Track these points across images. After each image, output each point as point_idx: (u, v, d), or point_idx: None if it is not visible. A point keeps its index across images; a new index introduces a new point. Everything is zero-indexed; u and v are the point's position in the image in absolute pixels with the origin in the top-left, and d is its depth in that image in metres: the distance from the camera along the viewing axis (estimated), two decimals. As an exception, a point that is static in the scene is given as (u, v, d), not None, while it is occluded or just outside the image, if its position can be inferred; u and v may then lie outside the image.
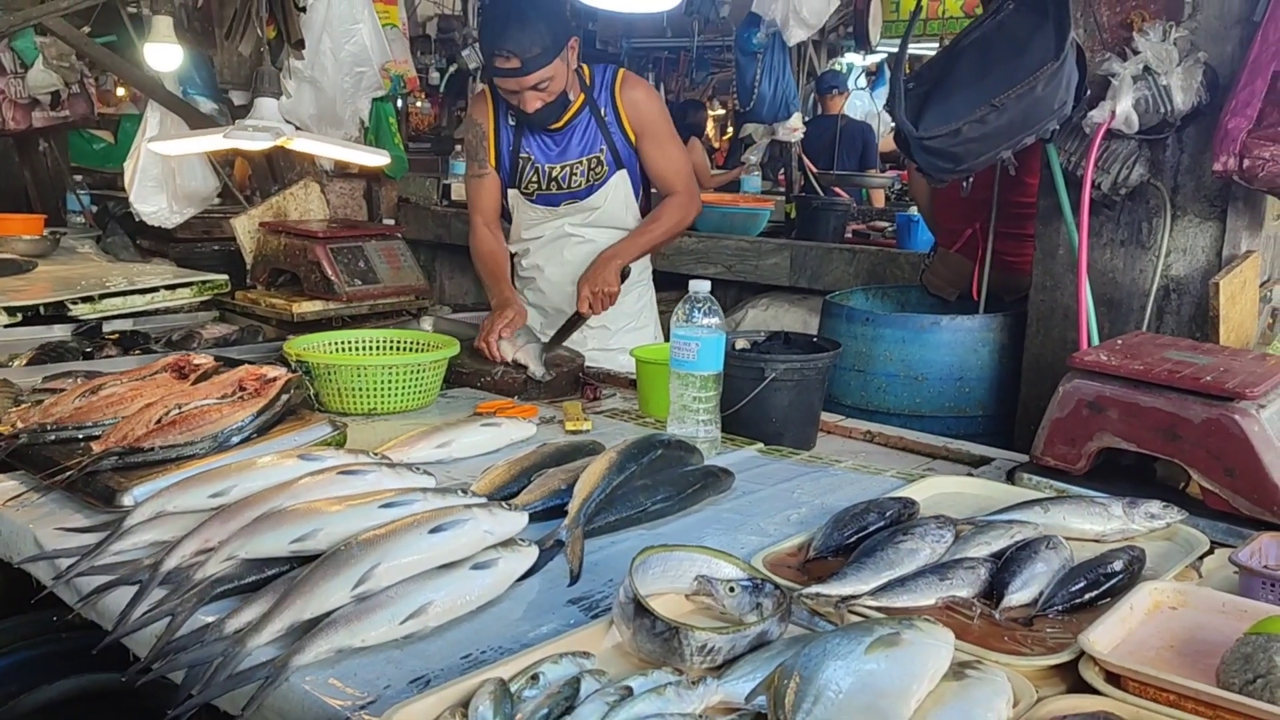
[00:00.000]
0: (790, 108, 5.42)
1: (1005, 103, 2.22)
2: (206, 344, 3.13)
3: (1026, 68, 2.22)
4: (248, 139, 2.23)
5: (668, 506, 1.74)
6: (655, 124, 3.07)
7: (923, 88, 2.33)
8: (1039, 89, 2.22)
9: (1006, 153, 2.31)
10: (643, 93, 3.08)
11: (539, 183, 3.07)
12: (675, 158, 3.11)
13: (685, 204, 3.11)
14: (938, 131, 2.25)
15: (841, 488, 1.94)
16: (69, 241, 4.56)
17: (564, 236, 3.13)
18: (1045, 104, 2.27)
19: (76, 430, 1.95)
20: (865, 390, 3.13)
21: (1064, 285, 2.85)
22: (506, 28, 2.74)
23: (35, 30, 4.47)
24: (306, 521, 1.47)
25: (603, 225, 3.11)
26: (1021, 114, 2.26)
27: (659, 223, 3.09)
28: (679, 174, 3.11)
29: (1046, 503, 1.72)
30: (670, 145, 3.10)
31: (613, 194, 3.08)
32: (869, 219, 5.71)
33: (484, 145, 3.09)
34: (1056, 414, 1.89)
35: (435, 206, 6.68)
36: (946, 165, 2.34)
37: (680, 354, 2.06)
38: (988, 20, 2.33)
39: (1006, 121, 2.25)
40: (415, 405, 2.39)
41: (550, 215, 3.12)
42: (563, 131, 3.01)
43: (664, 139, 3.08)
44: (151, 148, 2.53)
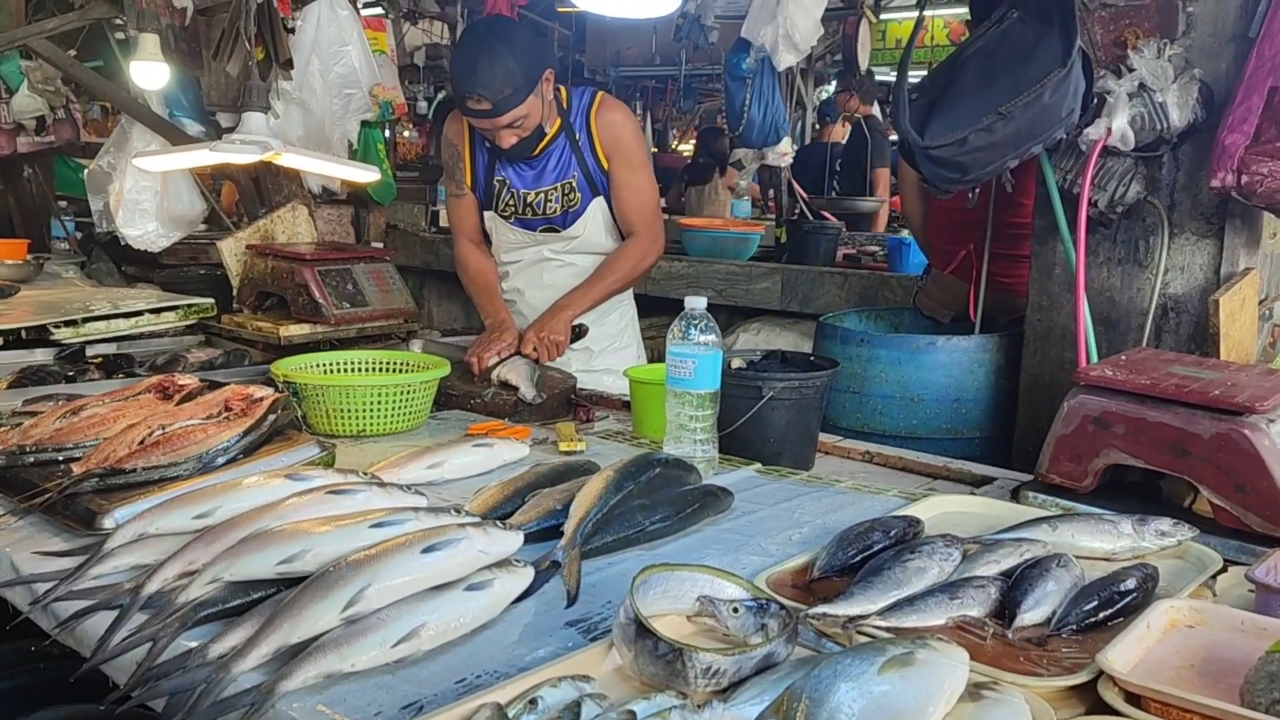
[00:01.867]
0: (780, 132, 5.39)
1: (1012, 111, 2.20)
2: (192, 368, 3.08)
3: (1033, 76, 2.21)
4: (235, 152, 2.19)
5: (666, 526, 1.70)
6: (627, 148, 2.98)
7: (926, 98, 2.31)
8: (1046, 96, 2.20)
9: (1014, 162, 2.29)
10: (619, 115, 3.00)
11: (515, 207, 3.03)
12: (641, 190, 3.01)
13: (644, 248, 3.01)
14: (943, 141, 2.23)
15: (843, 507, 1.89)
16: (53, 267, 4.51)
17: (543, 260, 3.10)
18: (1053, 112, 2.25)
19: (56, 452, 1.90)
20: (861, 412, 3.09)
21: (1061, 304, 2.83)
22: (475, 69, 2.66)
23: (20, 54, 4.43)
24: (294, 542, 1.42)
25: (583, 251, 3.07)
26: (1029, 122, 2.24)
27: (613, 272, 2.99)
28: (642, 210, 3.01)
29: (1054, 521, 1.68)
30: (639, 174, 3.00)
31: (591, 223, 3.03)
32: (859, 243, 5.69)
33: (460, 166, 3.06)
34: (1062, 430, 1.86)
35: (423, 233, 6.65)
36: (953, 175, 2.31)
37: (677, 371, 2.02)
38: (991, 30, 2.31)
39: (1014, 130, 2.23)
40: (405, 427, 2.34)
41: (529, 240, 3.08)
42: (538, 159, 2.97)
43: (634, 165, 2.99)
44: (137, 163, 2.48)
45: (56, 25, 3.28)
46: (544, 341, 2.83)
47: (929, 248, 3.67)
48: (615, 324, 3.22)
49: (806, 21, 5.10)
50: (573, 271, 3.05)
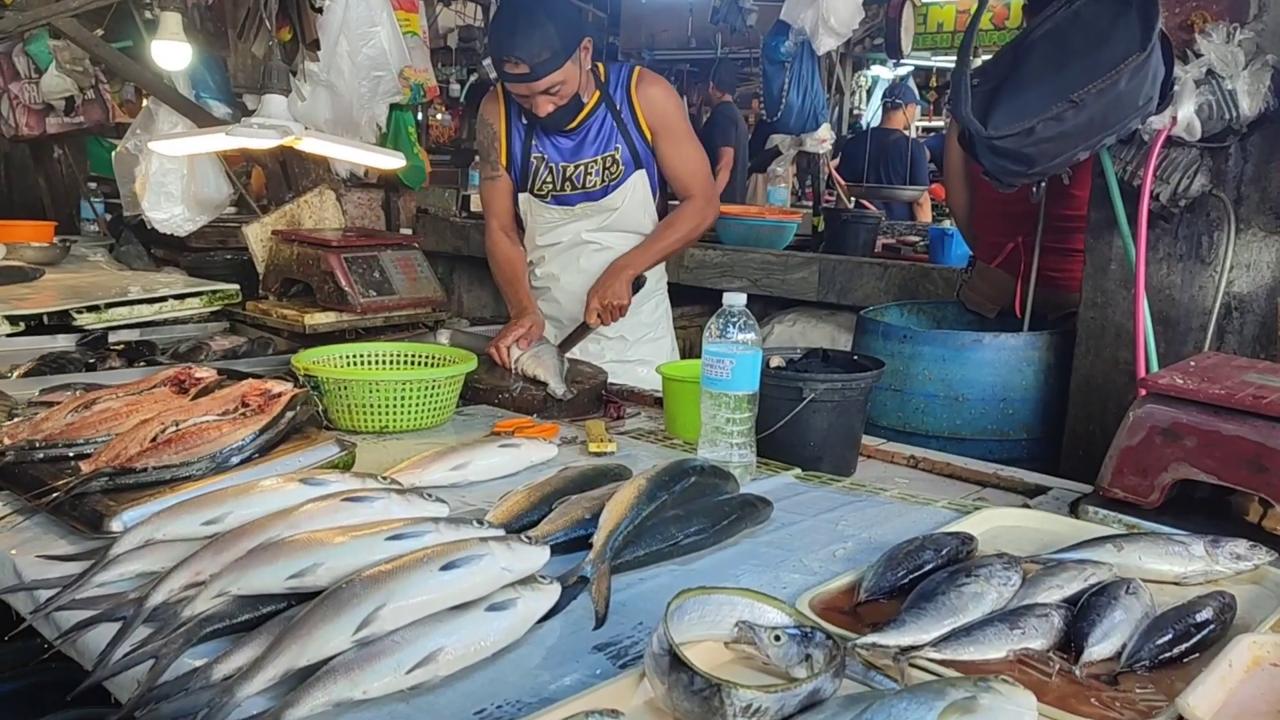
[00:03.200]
0: (819, 118, 5.28)
1: (1085, 99, 2.05)
2: (215, 356, 3.02)
3: (1108, 61, 2.06)
4: (252, 136, 2.10)
5: (702, 539, 1.59)
6: (672, 122, 2.96)
7: (989, 84, 2.17)
8: (1123, 83, 2.05)
9: (1084, 154, 2.15)
10: (660, 90, 2.96)
11: (553, 183, 2.95)
12: (692, 158, 3.00)
13: (702, 209, 2.99)
14: (1008, 131, 2.09)
15: (889, 519, 1.78)
16: (80, 250, 4.46)
17: (580, 244, 3.02)
18: (1129, 100, 2.10)
19: (67, 448, 1.82)
20: (903, 411, 2.98)
21: (1116, 302, 2.70)
22: (514, 33, 2.63)
23: (49, 33, 4.38)
24: (305, 555, 1.33)
25: (620, 229, 2.99)
26: (1103, 111, 2.09)
27: (673, 229, 2.98)
28: (695, 176, 3.01)
29: (1119, 540, 1.56)
30: (687, 145, 3.00)
31: (631, 195, 2.96)
32: (899, 233, 5.55)
33: (495, 146, 2.98)
34: (1126, 442, 1.74)
35: (454, 218, 6.57)
36: (1017, 168, 2.17)
37: (713, 372, 1.91)
38: (1060, 10, 2.16)
39: (1086, 119, 2.08)
40: (429, 423, 2.25)
41: (566, 218, 3.00)
42: (577, 130, 2.90)
43: (681, 138, 2.98)
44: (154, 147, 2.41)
45: (81, 3, 3.21)
46: (607, 308, 2.85)
47: (974, 239, 3.53)
48: (650, 313, 3.14)
49: (848, 4, 4.97)
50: (610, 255, 2.97)
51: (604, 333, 3.02)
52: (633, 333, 3.07)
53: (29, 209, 5.75)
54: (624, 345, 3.06)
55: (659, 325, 3.16)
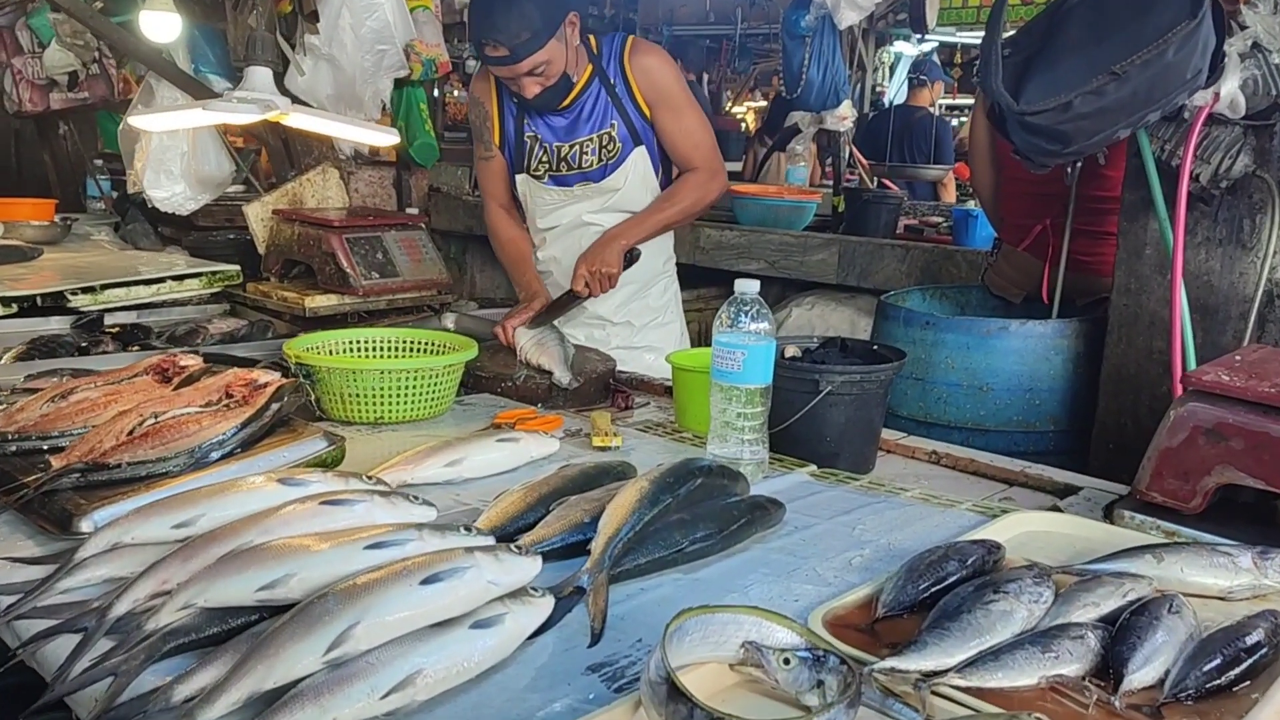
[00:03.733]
0: (840, 95, 5.13)
1: (1128, 70, 1.90)
2: (212, 339, 2.93)
3: (1154, 29, 1.90)
4: (231, 111, 1.99)
5: (708, 546, 1.49)
6: (670, 92, 2.80)
7: (1022, 55, 2.02)
8: (1170, 54, 1.90)
9: (1125, 132, 2.00)
10: (655, 59, 2.81)
11: (549, 163, 2.84)
12: (693, 129, 2.84)
13: (704, 182, 2.84)
14: (1043, 106, 1.94)
15: (909, 523, 1.67)
16: (84, 228, 4.38)
17: (581, 226, 2.89)
18: (1177, 72, 1.95)
19: (41, 440, 1.73)
20: (924, 401, 2.86)
21: (1151, 288, 2.57)
22: (492, 13, 2.51)
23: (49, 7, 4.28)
24: (278, 564, 1.23)
25: (623, 210, 2.87)
26: (1147, 84, 1.94)
27: (672, 201, 2.84)
28: (698, 147, 2.85)
29: (1159, 550, 1.45)
30: (688, 115, 2.84)
31: (631, 174, 2.84)
32: (922, 214, 5.39)
33: (488, 126, 2.88)
34: (1167, 442, 1.61)
35: (467, 196, 6.44)
36: (1052, 146, 2.03)
37: (724, 364, 1.80)
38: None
39: (1129, 93, 1.93)
40: (427, 414, 2.15)
41: (565, 199, 2.88)
42: (570, 109, 2.78)
43: (680, 108, 2.82)
44: (133, 122, 2.32)
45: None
46: (595, 275, 2.71)
47: (1000, 221, 3.40)
48: (658, 297, 3.02)
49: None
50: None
51: (609, 318, 2.92)
52: (639, 317, 2.96)
53: (38, 186, 5.68)
54: (631, 331, 2.95)
55: (668, 309, 3.05)
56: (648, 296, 2.95)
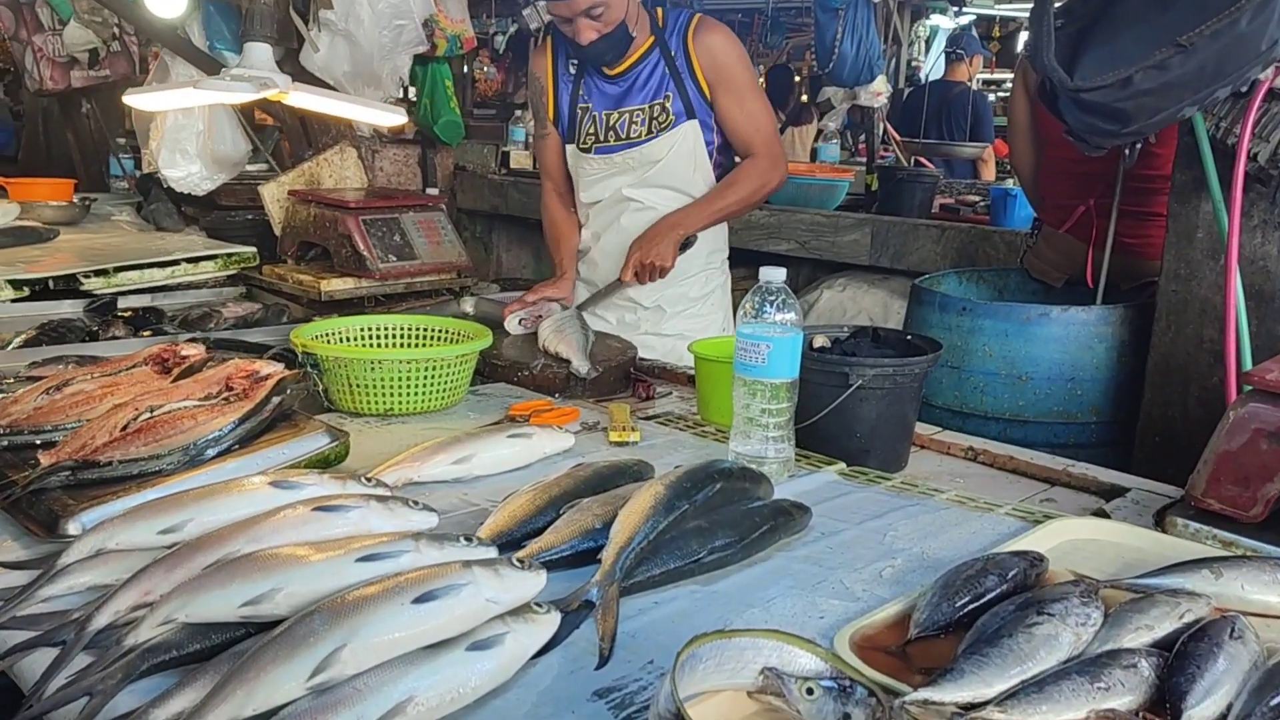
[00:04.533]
0: (874, 70, 4.98)
1: (1196, 41, 1.75)
2: (226, 324, 2.86)
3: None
4: (225, 90, 1.90)
5: (727, 555, 1.39)
6: (733, 73, 2.69)
7: (1076, 25, 1.87)
8: (1243, 23, 1.74)
9: (1191, 110, 1.86)
10: (720, 38, 2.70)
11: (597, 134, 2.75)
12: (755, 113, 2.73)
13: (765, 170, 2.73)
14: (1100, 82, 1.79)
15: (945, 529, 1.56)
16: (104, 208, 4.32)
17: (622, 201, 2.79)
18: (1250, 43, 1.79)
19: (33, 434, 1.66)
20: (960, 390, 2.74)
21: (1202, 274, 2.43)
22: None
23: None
24: (264, 577, 1.15)
25: (664, 185, 2.75)
26: (1216, 57, 1.78)
27: (733, 189, 2.73)
28: (759, 132, 2.74)
29: (1217, 564, 1.33)
30: (750, 98, 2.73)
31: (679, 145, 2.71)
32: (958, 192, 5.24)
33: (543, 102, 2.81)
34: (1225, 445, 1.50)
35: (493, 175, 6.35)
36: (1109, 126, 1.88)
37: (747, 357, 1.70)
38: None
39: (1196, 67, 1.78)
40: (439, 405, 2.07)
41: (608, 169, 2.78)
42: (625, 75, 2.70)
43: (743, 90, 2.71)
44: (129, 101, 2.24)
45: (86, -51, 3.04)
46: (647, 268, 2.65)
47: (1041, 201, 3.26)
48: (699, 288, 2.86)
49: (907, -53, 4.66)
50: (652, 216, 2.73)
51: (640, 300, 2.81)
52: (673, 305, 2.83)
53: (66, 166, 5.64)
54: (659, 316, 2.83)
55: (708, 300, 2.89)
56: (685, 286, 2.83)
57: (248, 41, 1.93)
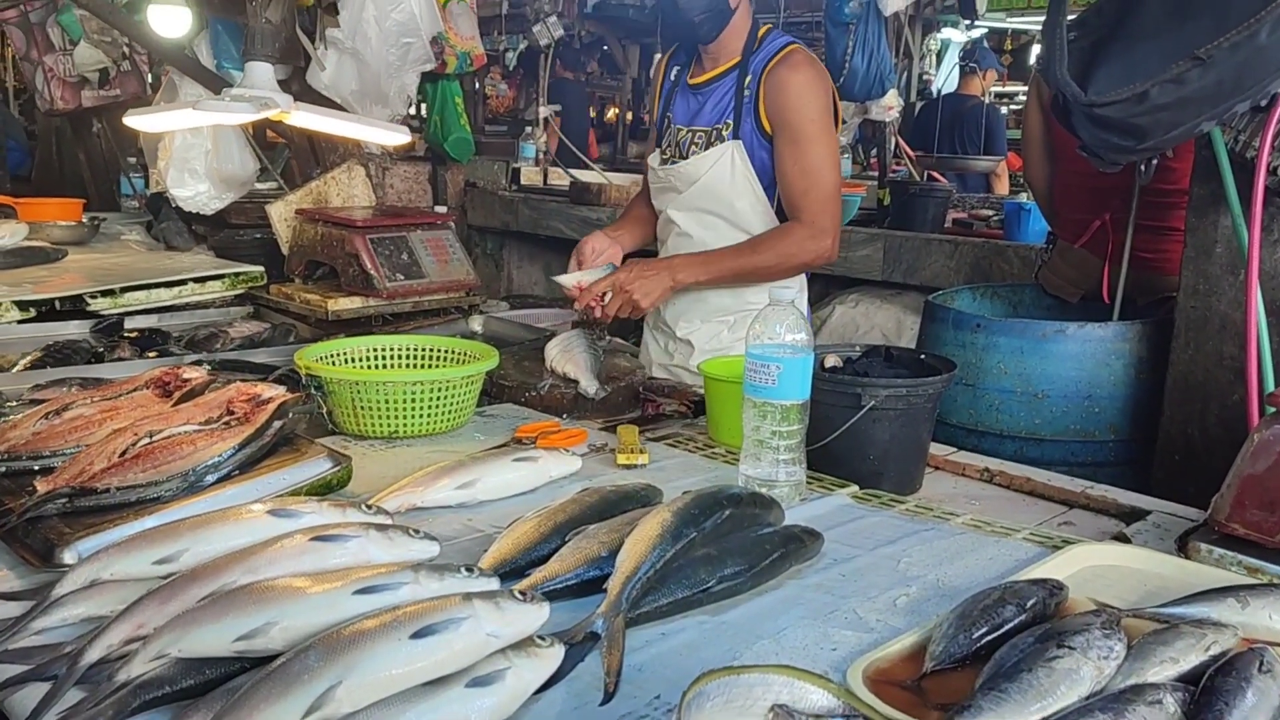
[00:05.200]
0: (885, 84, 4.95)
1: (1214, 54, 1.71)
2: (232, 344, 2.84)
3: (1245, 7, 1.70)
4: (224, 110, 1.89)
5: (737, 584, 1.35)
6: (798, 119, 2.43)
7: (1090, 38, 1.83)
8: (1263, 36, 1.70)
9: (1209, 125, 1.82)
10: (799, 78, 2.43)
11: (668, 147, 2.65)
12: (811, 171, 2.43)
13: (800, 239, 2.44)
14: (1115, 96, 1.75)
15: (960, 555, 1.52)
16: (114, 227, 4.32)
17: (669, 223, 2.65)
18: (1269, 57, 1.74)
19: (31, 460, 1.64)
20: (974, 408, 2.70)
21: (1221, 290, 2.39)
22: None
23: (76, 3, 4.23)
24: (258, 610, 1.12)
25: (700, 209, 2.56)
26: (1235, 70, 1.74)
27: (754, 252, 2.45)
28: (808, 194, 2.43)
29: (1243, 593, 1.29)
30: (812, 153, 2.43)
31: (717, 165, 2.50)
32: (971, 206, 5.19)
33: (653, 105, 2.80)
34: (1249, 469, 1.45)
35: (504, 192, 6.35)
36: (1125, 142, 1.84)
37: (757, 378, 1.66)
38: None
39: (1214, 81, 1.74)
40: (445, 427, 2.04)
41: (663, 184, 2.65)
42: (703, 90, 2.58)
43: (804, 142, 2.42)
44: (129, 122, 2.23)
45: (93, -31, 3.04)
46: (617, 297, 2.38)
47: (1055, 216, 3.21)
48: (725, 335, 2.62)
49: (917, -39, 4.63)
50: (689, 246, 2.56)
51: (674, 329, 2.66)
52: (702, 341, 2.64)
53: (77, 186, 5.65)
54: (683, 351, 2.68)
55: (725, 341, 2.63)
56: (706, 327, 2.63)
57: (249, 61, 1.91)
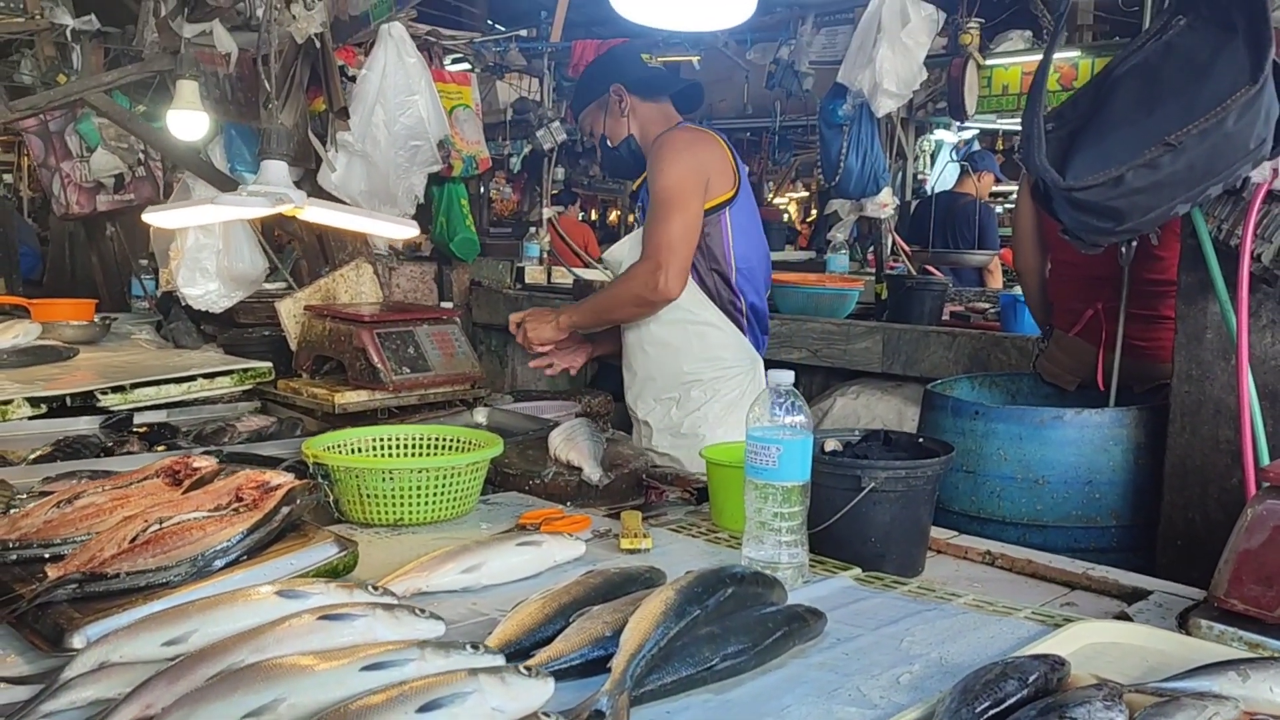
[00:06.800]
0: (880, 182, 5.07)
1: (1185, 141, 1.78)
2: (240, 438, 2.87)
3: (1211, 96, 1.79)
4: (241, 205, 1.96)
5: (741, 662, 1.36)
6: (653, 175, 2.71)
7: (1067, 128, 1.92)
8: (1230, 123, 1.78)
9: (1184, 207, 1.88)
10: (654, 153, 2.74)
11: None
12: (655, 220, 2.66)
13: (637, 271, 2.68)
14: (1092, 181, 1.83)
15: (963, 634, 1.53)
16: (124, 327, 4.39)
17: None
18: (1238, 142, 1.83)
19: (42, 548, 1.66)
20: (976, 495, 2.71)
21: (1214, 374, 2.43)
22: None
23: (97, 112, 4.37)
24: (266, 687, 1.13)
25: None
26: (1206, 155, 1.82)
27: (609, 286, 2.86)
28: (650, 237, 2.67)
29: (1243, 666, 1.29)
30: (656, 207, 2.67)
31: (628, 250, 2.83)
32: (968, 300, 5.28)
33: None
34: (1245, 544, 1.47)
35: (508, 289, 6.45)
36: (1104, 225, 1.91)
37: (758, 460, 1.69)
38: (1149, 42, 1.91)
39: (1185, 165, 1.81)
40: (450, 515, 2.06)
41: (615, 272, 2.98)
42: (643, 189, 2.90)
43: (653, 202, 2.69)
44: (147, 219, 2.30)
45: (115, 78, 3.16)
46: (520, 330, 2.86)
47: (1046, 308, 3.27)
48: (675, 413, 2.86)
49: (907, 65, 4.80)
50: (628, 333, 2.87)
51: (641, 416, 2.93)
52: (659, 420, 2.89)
53: (88, 289, 5.76)
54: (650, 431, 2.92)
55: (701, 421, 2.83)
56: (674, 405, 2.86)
57: (265, 159, 1.99)
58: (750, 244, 2.86)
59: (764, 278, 2.96)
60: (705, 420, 2.81)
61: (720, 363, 2.84)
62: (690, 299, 2.75)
